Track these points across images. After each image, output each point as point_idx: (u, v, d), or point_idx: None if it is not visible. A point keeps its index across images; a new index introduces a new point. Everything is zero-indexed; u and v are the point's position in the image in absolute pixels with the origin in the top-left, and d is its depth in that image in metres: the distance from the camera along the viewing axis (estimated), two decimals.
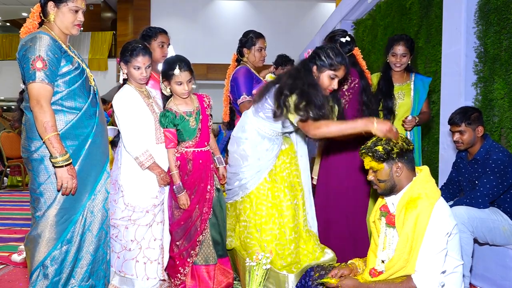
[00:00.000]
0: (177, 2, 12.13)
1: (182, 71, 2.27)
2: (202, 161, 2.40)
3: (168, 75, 2.30)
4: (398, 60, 2.86)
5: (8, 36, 13.16)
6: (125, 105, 2.25)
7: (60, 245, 1.89)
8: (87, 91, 1.98)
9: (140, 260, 2.24)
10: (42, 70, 1.80)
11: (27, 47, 1.82)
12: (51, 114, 1.82)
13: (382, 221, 1.83)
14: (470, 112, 2.47)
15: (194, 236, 2.37)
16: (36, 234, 1.88)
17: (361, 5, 5.66)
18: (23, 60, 1.82)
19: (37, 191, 1.88)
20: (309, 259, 2.38)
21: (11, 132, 6.78)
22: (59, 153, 1.81)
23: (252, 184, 2.35)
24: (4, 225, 4.24)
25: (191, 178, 2.38)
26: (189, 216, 2.37)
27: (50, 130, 1.80)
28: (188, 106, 2.38)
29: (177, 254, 2.37)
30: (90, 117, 1.98)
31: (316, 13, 11.85)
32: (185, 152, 2.38)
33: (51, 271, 1.87)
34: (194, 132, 2.37)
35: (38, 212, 1.88)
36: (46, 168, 1.87)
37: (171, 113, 2.32)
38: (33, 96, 1.80)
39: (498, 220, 2.39)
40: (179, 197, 2.33)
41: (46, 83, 1.81)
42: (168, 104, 2.38)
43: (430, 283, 1.61)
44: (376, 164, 1.76)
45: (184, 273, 2.37)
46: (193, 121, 2.36)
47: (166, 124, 2.31)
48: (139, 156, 2.20)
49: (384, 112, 2.91)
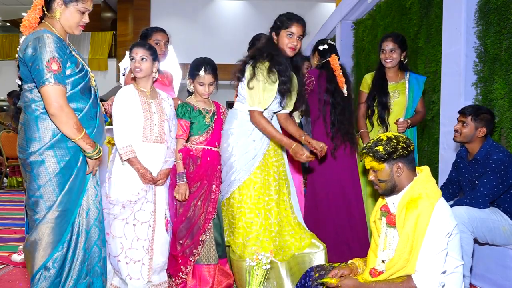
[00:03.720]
0: (177, 2, 12.12)
1: (206, 73, 2.44)
2: (210, 159, 2.48)
3: (193, 74, 2.47)
4: (387, 56, 2.90)
5: (8, 36, 13.14)
6: (117, 101, 2.33)
7: (61, 247, 1.88)
8: (88, 93, 1.97)
9: (122, 260, 2.24)
10: (58, 72, 1.78)
11: (35, 46, 1.77)
12: (74, 114, 1.84)
13: (383, 221, 1.83)
14: (482, 111, 2.48)
15: (197, 234, 2.39)
16: (37, 237, 1.85)
17: (361, 5, 5.66)
18: (33, 61, 1.77)
19: (36, 193, 1.85)
20: (295, 248, 2.43)
21: (11, 132, 6.77)
22: (92, 148, 1.89)
23: (244, 175, 2.39)
24: (4, 225, 4.25)
25: (196, 172, 2.43)
26: (188, 209, 2.39)
27: (80, 130, 1.84)
28: (206, 105, 2.54)
29: (180, 252, 2.39)
30: (91, 118, 1.97)
31: (316, 13, 11.88)
32: (195, 149, 2.46)
33: (53, 273, 1.86)
34: (206, 128, 2.47)
35: (38, 215, 1.86)
36: (47, 170, 1.84)
37: (189, 105, 2.47)
38: (53, 99, 1.77)
39: (498, 220, 2.39)
40: (179, 185, 2.37)
41: (62, 85, 1.81)
42: (187, 99, 2.54)
43: (431, 283, 1.61)
44: (377, 164, 1.75)
45: (186, 272, 2.39)
46: (209, 119, 2.50)
47: (181, 114, 2.45)
48: (120, 149, 2.26)
49: (378, 108, 2.93)
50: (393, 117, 2.93)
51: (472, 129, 2.47)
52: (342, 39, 6.28)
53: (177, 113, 2.47)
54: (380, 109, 2.92)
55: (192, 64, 2.51)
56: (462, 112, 2.53)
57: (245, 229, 2.37)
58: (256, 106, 2.35)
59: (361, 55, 5.87)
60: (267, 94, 2.34)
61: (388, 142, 1.75)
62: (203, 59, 2.51)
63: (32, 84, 1.84)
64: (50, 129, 1.85)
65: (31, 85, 1.85)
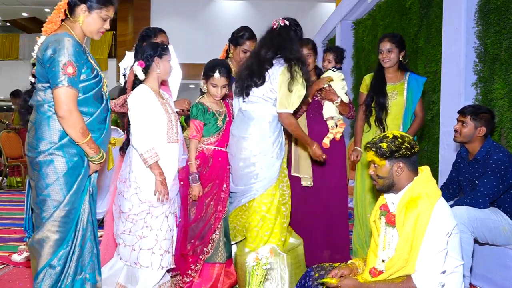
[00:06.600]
0: (177, 2, 12.12)
1: (220, 75, 2.45)
2: (221, 159, 2.51)
3: (207, 75, 2.49)
4: (384, 56, 2.89)
5: (8, 36, 13.14)
6: (140, 102, 2.26)
7: (66, 245, 1.92)
8: (101, 98, 2.02)
9: (157, 251, 2.25)
10: (72, 76, 1.83)
11: (55, 48, 1.82)
12: (82, 119, 1.88)
13: (382, 220, 1.83)
14: (482, 111, 2.48)
15: (208, 233, 2.42)
16: (43, 235, 1.89)
17: (361, 5, 5.67)
18: (51, 62, 1.82)
19: (44, 192, 1.88)
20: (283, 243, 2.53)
21: (11, 132, 6.77)
22: (96, 153, 1.93)
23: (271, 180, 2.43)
24: (4, 225, 4.25)
25: (209, 173, 2.46)
26: (201, 209, 2.42)
27: (86, 134, 1.88)
28: (218, 106, 2.56)
29: (190, 251, 2.41)
30: (101, 123, 2.01)
31: (316, 13, 11.86)
32: (206, 149, 2.48)
33: (58, 270, 1.90)
34: (218, 130, 2.50)
35: (45, 213, 1.89)
36: (55, 169, 1.88)
37: (204, 106, 2.49)
38: (63, 102, 1.82)
39: (498, 220, 2.39)
40: (192, 187, 2.40)
41: (74, 89, 1.84)
42: (201, 100, 2.54)
43: (430, 283, 1.61)
44: (378, 159, 1.77)
45: (195, 270, 2.42)
46: (221, 121, 2.52)
47: (196, 115, 2.46)
48: (144, 153, 2.20)
49: (376, 108, 2.91)
50: (391, 118, 2.91)
51: (471, 129, 2.47)
52: (342, 39, 6.28)
53: (191, 113, 2.49)
54: (378, 110, 2.90)
55: (207, 65, 2.53)
56: (462, 112, 2.53)
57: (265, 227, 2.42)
58: (289, 108, 2.38)
59: (361, 55, 5.87)
60: (299, 97, 2.38)
61: (393, 141, 1.75)
62: (218, 61, 2.54)
63: (47, 84, 1.88)
64: (60, 130, 1.89)
65: (45, 84, 1.89)
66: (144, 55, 2.28)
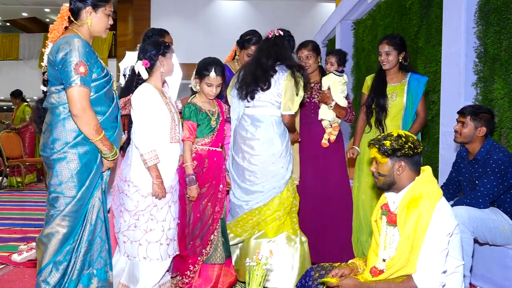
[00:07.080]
0: (177, 2, 12.11)
1: (216, 75, 2.40)
2: (216, 159, 2.49)
3: (201, 74, 2.42)
4: (383, 58, 2.89)
5: (8, 36, 13.11)
6: (144, 101, 2.23)
7: (72, 240, 1.96)
8: (111, 97, 2.07)
9: (164, 242, 2.26)
10: (84, 75, 1.87)
11: (66, 50, 1.86)
12: (95, 116, 1.93)
13: (383, 219, 1.83)
14: (481, 111, 2.48)
15: (206, 234, 2.42)
16: (53, 229, 1.93)
17: (361, 5, 5.66)
18: (63, 63, 1.86)
19: (57, 189, 1.94)
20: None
21: (11, 132, 6.77)
22: (109, 150, 1.99)
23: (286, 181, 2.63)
24: (4, 225, 4.25)
25: (206, 174, 2.44)
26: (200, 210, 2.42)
27: (99, 132, 1.93)
28: (211, 106, 2.51)
29: (190, 253, 2.41)
30: (113, 121, 2.06)
31: (316, 13, 11.85)
32: (200, 149, 2.45)
33: (64, 266, 1.93)
34: (212, 131, 2.47)
35: (56, 210, 1.94)
36: (69, 167, 1.93)
37: (196, 106, 2.43)
38: (77, 101, 1.87)
39: (498, 220, 2.39)
40: (190, 189, 2.38)
41: (87, 87, 1.89)
42: (193, 99, 2.47)
43: (431, 283, 1.61)
44: (380, 157, 1.77)
45: (194, 271, 2.41)
46: (214, 121, 2.48)
47: (189, 116, 2.40)
48: (145, 154, 2.19)
49: (376, 109, 2.92)
50: (391, 119, 2.91)
51: (471, 129, 2.47)
52: (342, 39, 6.28)
53: (184, 114, 2.42)
54: (377, 111, 2.91)
55: (200, 63, 2.46)
56: (461, 112, 2.53)
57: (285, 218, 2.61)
58: (293, 109, 2.59)
59: (361, 55, 5.87)
60: (300, 99, 2.61)
61: (397, 139, 1.75)
62: (212, 59, 2.46)
63: (60, 86, 1.93)
64: (75, 130, 1.94)
65: (59, 87, 1.94)
66: (147, 54, 2.27)
